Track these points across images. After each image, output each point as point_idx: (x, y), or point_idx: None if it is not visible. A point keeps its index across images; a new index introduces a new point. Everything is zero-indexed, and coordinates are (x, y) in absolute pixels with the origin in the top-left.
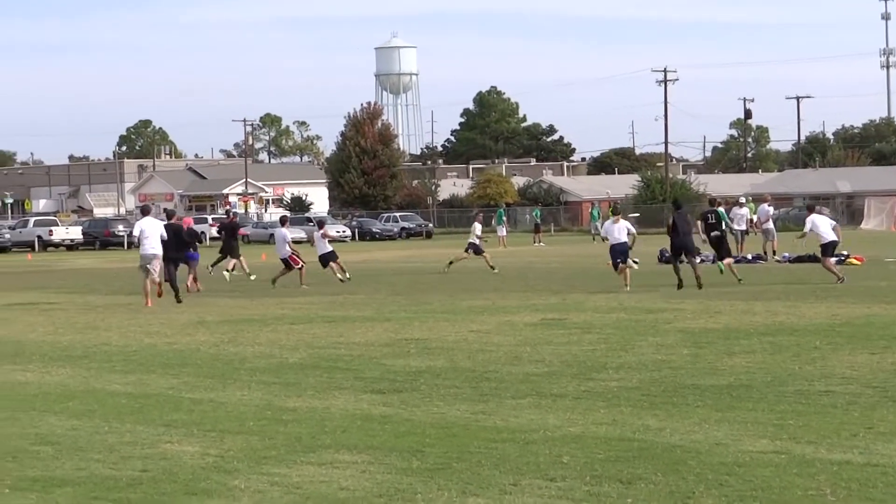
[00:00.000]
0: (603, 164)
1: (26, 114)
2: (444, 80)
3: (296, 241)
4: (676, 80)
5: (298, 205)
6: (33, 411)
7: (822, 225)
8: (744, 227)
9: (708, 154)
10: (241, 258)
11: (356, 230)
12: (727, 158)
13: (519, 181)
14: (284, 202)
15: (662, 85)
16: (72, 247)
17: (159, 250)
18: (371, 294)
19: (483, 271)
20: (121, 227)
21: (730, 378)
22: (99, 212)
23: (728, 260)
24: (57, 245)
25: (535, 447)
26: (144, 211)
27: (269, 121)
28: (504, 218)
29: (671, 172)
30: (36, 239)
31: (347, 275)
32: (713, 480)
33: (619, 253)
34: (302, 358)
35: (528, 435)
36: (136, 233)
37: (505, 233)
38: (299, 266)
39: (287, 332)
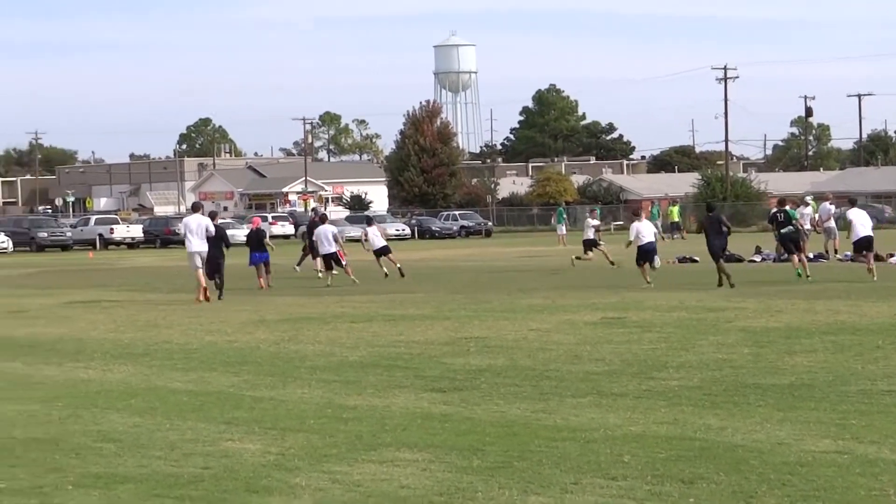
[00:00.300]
0: (663, 163)
1: (88, 113)
2: (503, 78)
3: (354, 240)
4: (737, 77)
5: (358, 203)
6: (95, 408)
7: (857, 220)
8: (808, 227)
9: (768, 152)
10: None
11: (415, 228)
12: (788, 157)
13: (578, 179)
14: (344, 200)
15: (723, 83)
16: (132, 245)
17: (203, 247)
18: (430, 292)
19: (541, 270)
20: (181, 226)
21: (791, 377)
22: (159, 210)
23: (799, 256)
24: (118, 243)
25: (596, 446)
26: (194, 208)
27: (329, 119)
28: (564, 216)
29: (731, 171)
30: (97, 237)
31: (398, 270)
32: (775, 480)
33: (649, 252)
34: (362, 356)
35: (588, 434)
36: (180, 229)
37: (565, 231)
38: (345, 263)
39: (347, 331)
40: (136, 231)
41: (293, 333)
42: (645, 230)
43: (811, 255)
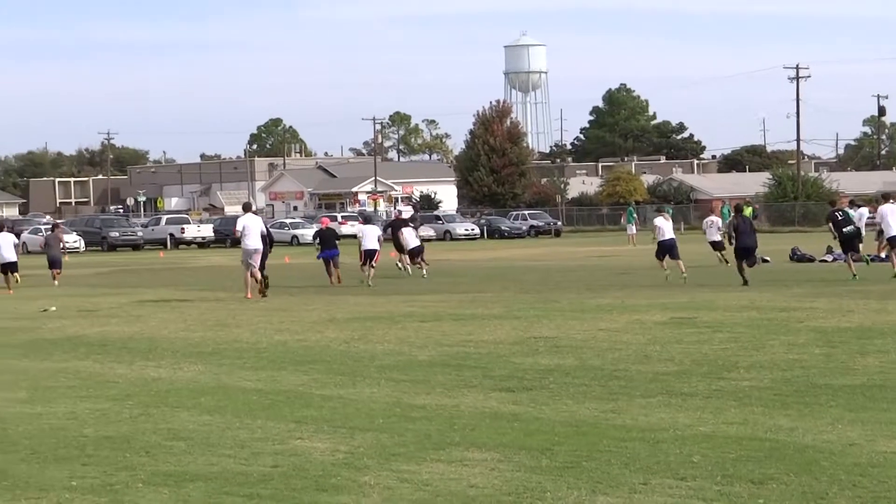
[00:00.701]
0: (733, 162)
1: (159, 113)
2: (573, 77)
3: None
4: (809, 76)
5: (427, 203)
6: (166, 407)
7: (891, 216)
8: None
9: (840, 151)
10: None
11: (485, 228)
12: (860, 156)
13: (648, 179)
14: (413, 200)
15: (795, 81)
16: (203, 244)
17: (259, 245)
18: (499, 292)
19: (611, 269)
20: (237, 227)
21: (863, 378)
22: (230, 210)
23: (854, 257)
24: (188, 243)
25: (666, 446)
26: (245, 208)
27: (399, 119)
28: (634, 216)
29: (803, 170)
30: (168, 237)
31: (424, 272)
32: (846, 481)
33: (670, 248)
34: (431, 355)
35: (658, 434)
36: (238, 229)
37: (635, 230)
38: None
39: (416, 330)
40: (207, 230)
41: (363, 332)
42: (666, 227)
43: (883, 255)
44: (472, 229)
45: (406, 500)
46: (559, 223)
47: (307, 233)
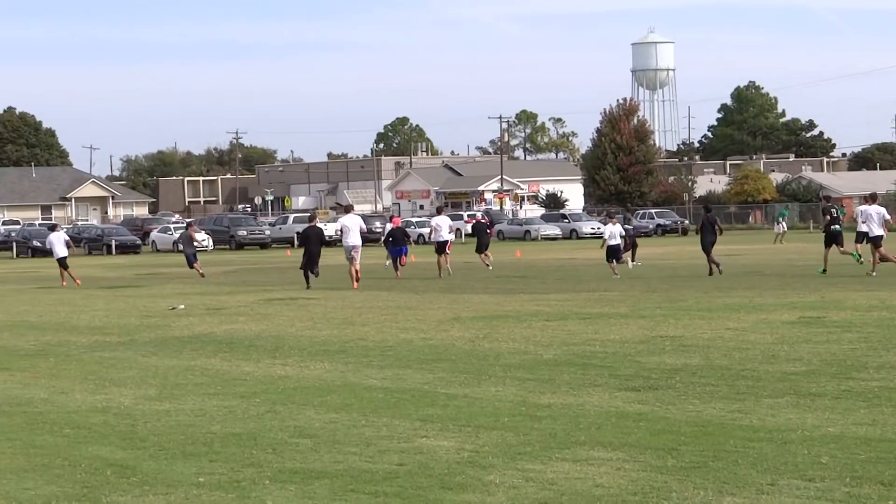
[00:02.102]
0: (864, 160)
1: (287, 112)
2: (701, 75)
3: (550, 238)
4: None
5: (553, 201)
6: (292, 404)
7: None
8: None
9: None
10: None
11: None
12: None
13: (777, 177)
14: (539, 199)
15: None
16: (329, 243)
17: (358, 241)
18: (625, 291)
19: (739, 268)
20: (377, 224)
21: None
22: (357, 209)
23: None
24: None
25: (793, 447)
26: (347, 209)
27: (525, 117)
28: (786, 214)
29: None
30: (295, 235)
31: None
32: None
33: (616, 251)
34: (556, 354)
35: (785, 434)
36: (338, 228)
37: (785, 228)
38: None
39: (542, 329)
40: (333, 229)
41: (488, 331)
42: (614, 232)
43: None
44: (599, 228)
45: (531, 498)
46: (686, 222)
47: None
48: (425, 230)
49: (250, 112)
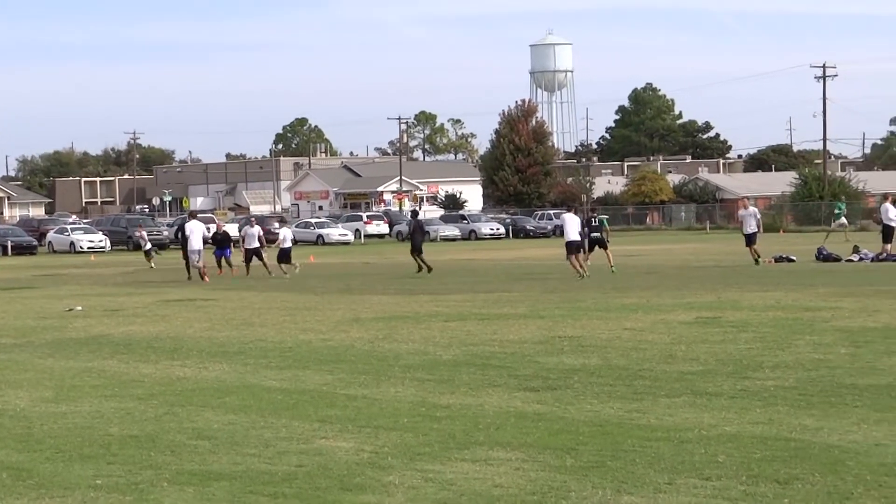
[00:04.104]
0: (760, 161)
1: (184, 112)
2: (599, 76)
3: (449, 239)
4: (836, 75)
5: (453, 202)
6: (191, 406)
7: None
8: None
9: (867, 151)
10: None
11: (510, 228)
12: (887, 155)
13: (674, 178)
14: (438, 200)
15: (821, 81)
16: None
17: (201, 246)
18: (524, 291)
19: (637, 269)
20: (276, 225)
21: (889, 378)
22: (255, 209)
23: None
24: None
25: (691, 446)
26: (191, 215)
27: (424, 118)
28: (843, 208)
29: (829, 169)
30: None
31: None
32: (872, 481)
33: (577, 248)
34: (455, 355)
35: (683, 433)
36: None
37: (845, 223)
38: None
39: (441, 330)
40: (231, 231)
41: (387, 332)
42: (571, 228)
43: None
44: (498, 229)
45: (430, 499)
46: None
47: (332, 232)
48: (325, 231)
49: (148, 112)
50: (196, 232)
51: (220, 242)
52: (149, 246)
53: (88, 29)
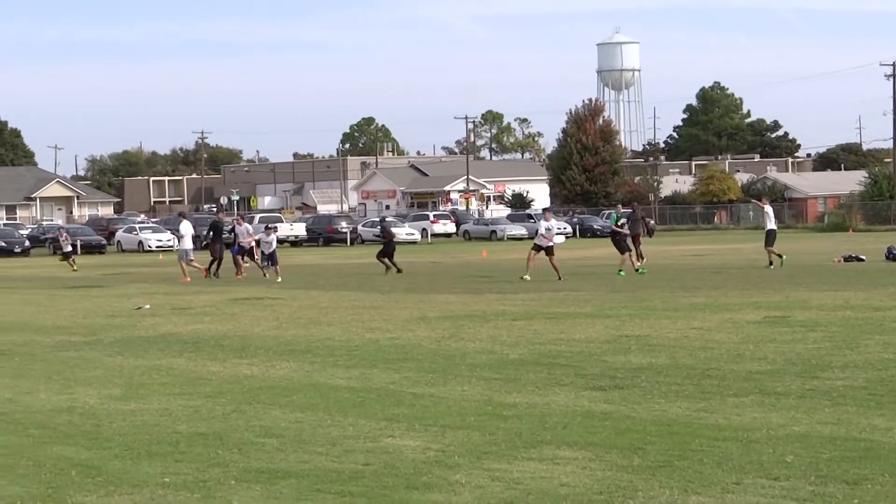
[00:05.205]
0: (829, 160)
1: (253, 112)
2: (666, 75)
3: (516, 238)
4: None
5: (519, 201)
6: (258, 404)
7: None
8: None
9: None
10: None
11: (577, 227)
12: None
13: (742, 178)
14: (505, 199)
15: (891, 79)
16: (296, 243)
17: (191, 245)
18: (591, 291)
19: (704, 268)
20: (344, 224)
21: None
22: (322, 208)
23: None
24: (281, 242)
25: (759, 446)
26: (181, 215)
27: (491, 118)
28: None
29: None
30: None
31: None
32: None
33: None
34: (522, 354)
35: (750, 433)
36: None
37: None
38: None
39: (508, 328)
40: (300, 229)
41: (454, 331)
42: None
43: None
44: (564, 228)
45: (497, 498)
46: (652, 222)
47: (399, 232)
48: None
49: (216, 112)
50: (187, 233)
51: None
52: (69, 248)
53: (157, 28)
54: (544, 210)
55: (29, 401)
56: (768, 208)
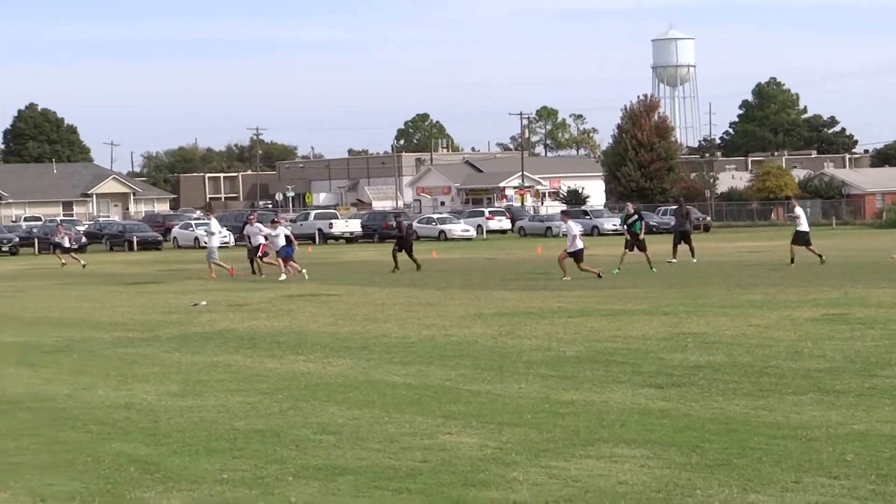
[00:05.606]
0: (886, 156)
1: (307, 108)
2: (722, 71)
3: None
4: None
5: (575, 198)
6: (315, 401)
7: None
8: None
9: None
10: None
11: None
12: None
13: (799, 174)
14: (560, 195)
15: None
16: (351, 239)
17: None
18: (647, 287)
19: (761, 265)
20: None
21: None
22: (377, 205)
23: None
24: (337, 238)
25: (818, 444)
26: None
27: (546, 114)
28: None
29: None
30: (316, 232)
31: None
32: None
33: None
34: (579, 351)
35: (810, 432)
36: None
37: None
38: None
39: (564, 325)
40: (355, 226)
41: (510, 328)
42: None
43: None
44: (621, 225)
45: (555, 495)
46: (708, 218)
47: (454, 228)
48: (447, 226)
49: (271, 108)
50: (216, 231)
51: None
52: (67, 244)
53: (212, 26)
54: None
55: (87, 397)
56: (798, 210)
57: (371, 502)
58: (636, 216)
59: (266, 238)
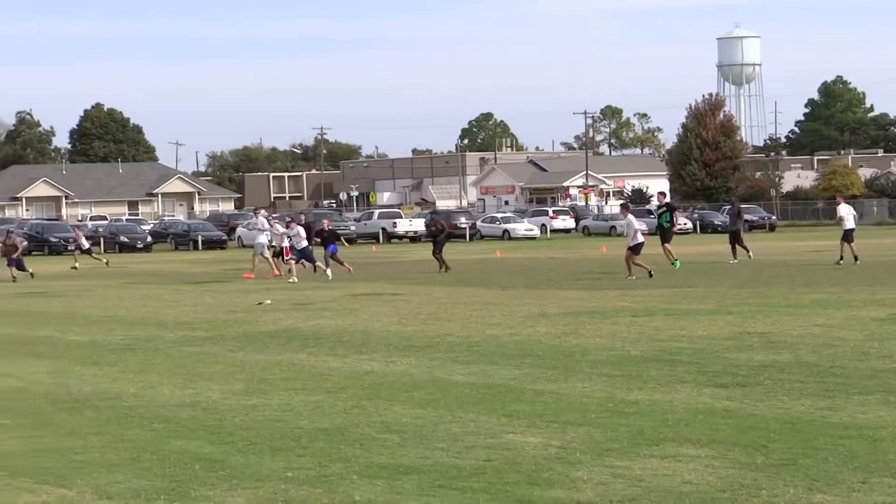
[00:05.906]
0: None
1: (372, 108)
2: (787, 70)
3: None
4: None
5: (639, 197)
6: (379, 400)
7: None
8: None
9: None
10: None
11: (698, 222)
12: None
13: (865, 173)
14: (625, 194)
15: None
16: (415, 239)
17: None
18: (712, 287)
19: (826, 265)
20: (463, 220)
21: None
22: (441, 204)
23: None
24: (401, 237)
25: (885, 444)
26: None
27: (610, 113)
28: None
29: None
30: (380, 231)
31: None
32: None
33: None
34: (643, 350)
35: (876, 432)
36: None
37: None
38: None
39: (628, 325)
40: (419, 225)
41: (574, 327)
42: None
43: None
44: (685, 223)
45: (619, 495)
46: (773, 217)
47: (518, 227)
48: (511, 226)
49: (335, 108)
50: (263, 229)
51: (326, 240)
52: (87, 246)
53: (277, 25)
54: (622, 206)
55: (153, 395)
56: (842, 209)
57: (435, 501)
58: (664, 207)
59: (289, 239)
